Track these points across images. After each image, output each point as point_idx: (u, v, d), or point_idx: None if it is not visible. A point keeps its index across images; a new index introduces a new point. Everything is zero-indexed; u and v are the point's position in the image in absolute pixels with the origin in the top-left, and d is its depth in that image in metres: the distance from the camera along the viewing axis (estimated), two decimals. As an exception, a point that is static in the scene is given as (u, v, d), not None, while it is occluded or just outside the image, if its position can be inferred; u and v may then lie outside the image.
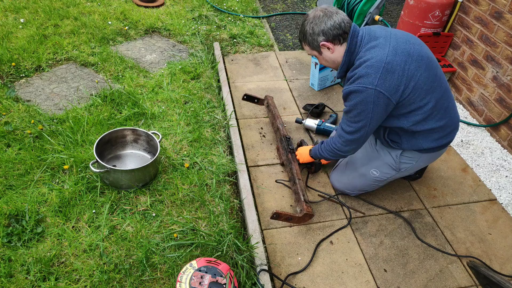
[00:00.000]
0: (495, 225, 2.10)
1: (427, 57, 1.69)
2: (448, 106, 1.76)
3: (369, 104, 1.63)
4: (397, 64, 1.60)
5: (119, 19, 3.73)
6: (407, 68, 1.61)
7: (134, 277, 1.67)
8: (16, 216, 1.83)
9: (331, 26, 1.68)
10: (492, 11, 2.64)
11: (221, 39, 3.62)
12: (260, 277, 1.69)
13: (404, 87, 1.62)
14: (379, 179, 2.00)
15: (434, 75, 1.69)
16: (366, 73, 1.60)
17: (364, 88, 1.61)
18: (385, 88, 1.60)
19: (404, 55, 1.62)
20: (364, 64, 1.63)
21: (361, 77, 1.62)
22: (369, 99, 1.62)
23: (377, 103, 1.62)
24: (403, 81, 1.61)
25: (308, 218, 1.94)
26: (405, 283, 1.79)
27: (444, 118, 1.75)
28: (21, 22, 3.43)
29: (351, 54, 1.72)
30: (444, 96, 1.74)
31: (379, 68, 1.59)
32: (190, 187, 2.11)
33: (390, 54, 1.60)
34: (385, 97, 1.61)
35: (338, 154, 1.92)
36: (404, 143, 1.83)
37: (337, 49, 1.74)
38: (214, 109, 2.69)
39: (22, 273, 1.64)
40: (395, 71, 1.59)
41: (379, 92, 1.60)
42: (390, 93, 1.61)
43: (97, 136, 2.25)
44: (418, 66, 1.63)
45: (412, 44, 1.67)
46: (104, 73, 2.98)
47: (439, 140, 1.81)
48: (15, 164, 2.11)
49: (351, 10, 3.66)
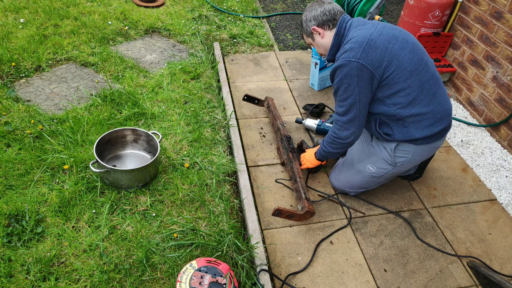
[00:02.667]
0: (495, 225, 2.10)
1: (413, 43, 1.76)
2: (436, 92, 1.79)
3: (353, 78, 1.69)
4: (380, 42, 1.69)
5: (119, 19, 3.73)
6: (390, 46, 1.69)
7: (134, 277, 1.67)
8: (16, 216, 1.83)
9: (321, 12, 1.84)
10: (492, 11, 2.64)
11: (221, 39, 3.62)
12: (260, 277, 1.69)
13: (387, 63, 1.68)
14: (376, 174, 2.00)
15: (419, 59, 1.74)
16: (350, 48, 1.70)
17: (348, 61, 1.68)
18: (367, 61, 1.67)
19: (389, 36, 1.72)
20: (349, 41, 1.73)
21: (345, 52, 1.71)
22: (352, 72, 1.68)
23: (361, 76, 1.69)
24: (386, 57, 1.68)
25: (309, 216, 1.94)
26: (405, 283, 1.79)
27: (431, 103, 1.78)
28: (21, 22, 3.43)
29: (340, 38, 1.82)
30: (431, 81, 1.77)
31: (362, 43, 1.68)
32: (190, 187, 2.11)
33: (375, 33, 1.70)
34: (368, 70, 1.68)
35: (339, 142, 1.90)
36: (396, 134, 1.84)
37: (327, 34, 1.87)
38: (214, 109, 2.69)
39: (22, 273, 1.64)
40: (377, 47, 1.67)
41: (361, 65, 1.67)
42: (373, 67, 1.68)
43: (97, 136, 2.25)
44: (402, 47, 1.71)
45: (399, 31, 1.77)
46: (104, 73, 2.98)
47: (431, 128, 1.81)
48: (15, 164, 2.11)
49: (351, 10, 3.66)
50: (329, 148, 1.98)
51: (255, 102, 2.74)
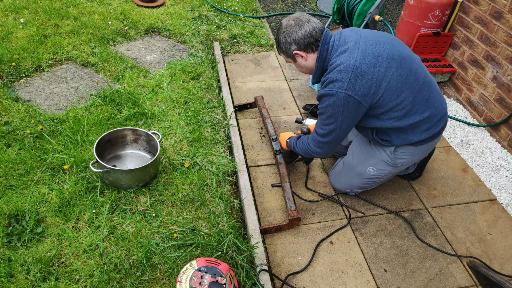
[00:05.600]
0: (495, 225, 2.10)
1: (398, 56, 1.71)
2: (429, 98, 1.78)
3: (339, 107, 1.68)
4: (366, 67, 1.64)
5: (119, 19, 3.73)
6: (376, 70, 1.65)
7: (134, 277, 1.67)
8: (16, 216, 1.83)
9: (302, 36, 1.73)
10: (492, 11, 2.64)
11: (221, 39, 3.62)
12: (260, 277, 1.69)
13: (375, 89, 1.66)
14: (377, 176, 2.00)
15: (408, 72, 1.71)
16: (336, 78, 1.65)
17: (335, 91, 1.66)
18: (354, 92, 1.64)
19: (374, 57, 1.66)
20: (335, 69, 1.68)
21: (332, 82, 1.67)
22: (339, 102, 1.67)
23: (347, 106, 1.67)
24: (374, 84, 1.65)
25: (297, 222, 1.96)
26: (405, 283, 1.79)
27: (426, 110, 1.77)
28: (21, 22, 3.43)
29: (323, 60, 1.77)
30: (423, 89, 1.76)
31: (348, 73, 1.63)
32: (190, 187, 2.11)
33: (359, 58, 1.64)
34: (355, 100, 1.66)
35: (311, 154, 1.97)
36: (395, 140, 1.84)
37: (310, 57, 1.80)
38: (214, 109, 2.69)
39: (22, 273, 1.64)
40: (364, 75, 1.63)
41: (348, 96, 1.64)
42: (360, 96, 1.65)
43: (97, 136, 2.25)
44: (388, 67, 1.67)
45: (382, 45, 1.71)
46: (104, 73, 2.98)
47: (429, 131, 1.81)
48: (15, 164, 2.11)
49: (351, 10, 3.66)
50: (299, 150, 2.03)
51: (248, 107, 2.75)
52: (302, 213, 2.08)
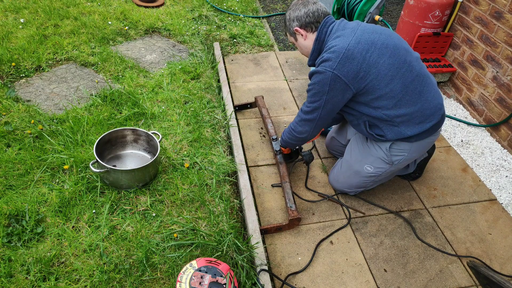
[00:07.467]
0: (495, 225, 2.10)
1: (393, 46, 1.74)
2: (422, 91, 1.79)
3: (325, 86, 1.72)
4: (357, 52, 1.68)
5: (119, 19, 3.73)
6: (368, 56, 1.69)
7: (134, 277, 1.67)
8: (16, 216, 1.83)
9: (304, 13, 1.82)
10: (492, 11, 2.64)
11: (221, 39, 3.62)
12: (260, 277, 1.69)
13: (364, 74, 1.69)
14: (374, 174, 2.00)
15: (401, 62, 1.73)
16: (328, 57, 1.71)
17: (324, 69, 1.71)
18: (343, 73, 1.68)
19: (367, 44, 1.70)
20: (328, 50, 1.73)
21: (324, 61, 1.72)
22: (326, 81, 1.71)
23: (333, 86, 1.71)
24: (363, 68, 1.68)
25: (297, 222, 1.95)
26: (405, 283, 1.79)
27: (418, 102, 1.78)
28: (21, 22, 3.43)
29: (321, 43, 1.83)
30: (416, 81, 1.77)
31: (339, 54, 1.68)
32: (190, 187, 2.11)
33: (353, 43, 1.69)
34: (342, 81, 1.69)
35: (294, 135, 2.00)
36: (388, 134, 1.84)
37: (309, 36, 1.87)
38: (214, 109, 2.69)
39: (22, 273, 1.64)
40: (354, 58, 1.67)
41: (336, 76, 1.68)
42: (348, 78, 1.69)
43: (97, 136, 2.25)
44: (381, 54, 1.70)
45: (379, 34, 1.75)
46: (104, 73, 2.98)
47: (421, 125, 1.81)
48: (15, 164, 2.11)
49: (351, 10, 3.66)
50: (286, 138, 2.07)
51: (248, 107, 2.75)
52: (302, 213, 2.08)
